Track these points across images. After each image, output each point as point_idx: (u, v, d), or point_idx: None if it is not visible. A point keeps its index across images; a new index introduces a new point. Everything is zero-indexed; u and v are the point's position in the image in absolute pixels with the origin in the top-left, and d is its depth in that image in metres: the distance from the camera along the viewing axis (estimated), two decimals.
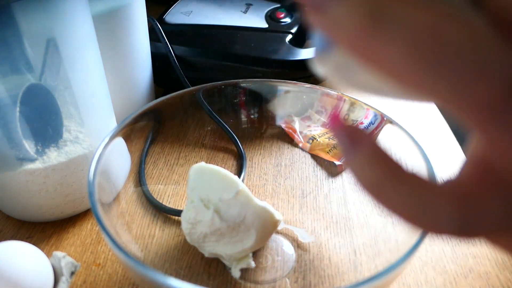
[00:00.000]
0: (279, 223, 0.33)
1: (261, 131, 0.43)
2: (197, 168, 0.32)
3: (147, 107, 0.34)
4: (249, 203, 0.30)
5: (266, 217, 0.31)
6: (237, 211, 0.30)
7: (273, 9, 0.59)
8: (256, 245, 0.31)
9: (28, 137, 0.32)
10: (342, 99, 0.37)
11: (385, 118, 0.34)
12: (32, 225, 0.37)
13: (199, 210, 0.30)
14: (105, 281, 0.33)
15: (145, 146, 0.37)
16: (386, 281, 0.22)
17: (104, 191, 0.29)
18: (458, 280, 0.34)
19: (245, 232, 0.30)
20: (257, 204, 0.30)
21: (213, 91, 0.39)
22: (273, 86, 0.40)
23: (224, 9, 0.58)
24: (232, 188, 0.30)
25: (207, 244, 0.31)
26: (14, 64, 0.30)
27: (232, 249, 0.31)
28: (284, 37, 0.54)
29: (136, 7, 0.44)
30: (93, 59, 0.35)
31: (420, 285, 0.33)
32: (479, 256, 0.36)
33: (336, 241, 0.35)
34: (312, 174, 0.41)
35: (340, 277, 0.32)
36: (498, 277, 0.34)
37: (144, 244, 0.33)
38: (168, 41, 0.51)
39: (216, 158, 0.42)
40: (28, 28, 0.29)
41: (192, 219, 0.31)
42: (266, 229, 0.32)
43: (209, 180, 0.30)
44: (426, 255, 0.36)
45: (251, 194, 0.30)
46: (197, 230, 0.31)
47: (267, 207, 0.31)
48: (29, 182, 0.34)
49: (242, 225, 0.30)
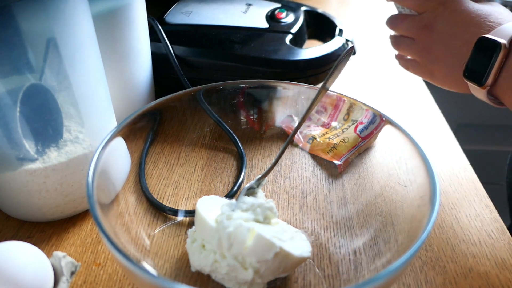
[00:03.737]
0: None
1: (261, 131, 0.43)
2: (225, 223, 0.30)
3: (147, 107, 0.34)
4: (288, 257, 0.29)
5: (301, 262, 0.31)
6: (277, 265, 0.29)
7: (273, 9, 0.59)
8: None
9: (28, 137, 0.32)
10: (342, 99, 0.37)
11: (384, 119, 0.34)
12: (32, 225, 0.37)
13: (235, 268, 0.29)
14: (105, 281, 0.33)
15: (145, 146, 0.37)
16: (386, 281, 0.22)
17: (104, 192, 0.29)
18: (458, 280, 0.34)
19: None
20: (295, 256, 0.29)
21: (213, 91, 0.39)
22: (273, 86, 0.40)
23: (224, 9, 0.58)
24: (270, 251, 0.28)
25: (216, 274, 0.31)
26: (14, 64, 0.30)
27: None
28: (284, 37, 0.54)
29: (136, 7, 0.44)
30: (93, 59, 0.35)
31: (420, 285, 0.33)
32: (479, 256, 0.36)
33: (336, 241, 0.35)
34: (312, 174, 0.41)
35: (340, 277, 0.32)
36: (498, 277, 0.34)
37: (144, 245, 0.33)
38: (168, 41, 0.51)
39: (216, 158, 0.43)
40: (28, 28, 0.29)
41: (219, 268, 0.30)
42: (294, 267, 0.32)
43: (242, 242, 0.29)
44: (426, 255, 0.36)
45: (289, 247, 0.29)
46: (215, 272, 0.30)
47: (304, 255, 0.30)
48: (29, 182, 0.34)
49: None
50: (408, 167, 0.31)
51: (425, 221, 0.25)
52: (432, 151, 0.49)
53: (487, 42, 0.37)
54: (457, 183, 0.44)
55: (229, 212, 0.31)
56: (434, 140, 0.51)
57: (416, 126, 0.54)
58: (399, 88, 0.63)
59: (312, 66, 0.51)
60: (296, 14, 0.60)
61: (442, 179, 0.44)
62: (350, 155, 0.39)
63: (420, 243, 0.23)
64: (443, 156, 0.48)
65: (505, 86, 0.36)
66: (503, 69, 0.36)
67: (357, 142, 0.39)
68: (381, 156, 0.36)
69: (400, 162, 0.33)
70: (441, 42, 0.42)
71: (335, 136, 0.41)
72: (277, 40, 0.53)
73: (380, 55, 0.73)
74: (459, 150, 0.49)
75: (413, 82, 0.65)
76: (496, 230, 0.38)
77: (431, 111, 0.57)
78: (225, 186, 0.41)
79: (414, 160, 0.30)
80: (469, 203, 0.41)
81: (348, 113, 0.39)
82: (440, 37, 0.42)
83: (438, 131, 0.53)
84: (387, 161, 0.35)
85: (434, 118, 0.56)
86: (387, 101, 0.60)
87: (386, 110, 0.35)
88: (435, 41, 0.43)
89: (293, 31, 0.55)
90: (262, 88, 0.40)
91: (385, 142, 0.35)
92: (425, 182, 0.28)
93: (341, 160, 0.40)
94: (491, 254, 0.36)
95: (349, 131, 0.40)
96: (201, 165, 0.41)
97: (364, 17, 0.90)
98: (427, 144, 0.50)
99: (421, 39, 0.45)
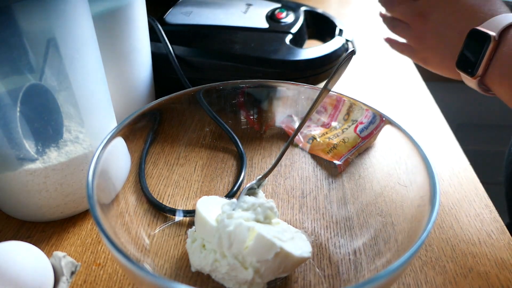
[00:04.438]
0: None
1: (261, 131, 0.43)
2: (226, 222, 0.30)
3: (147, 107, 0.34)
4: (288, 257, 0.29)
5: (301, 262, 0.31)
6: (277, 265, 0.29)
7: (273, 9, 0.59)
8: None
9: (28, 137, 0.32)
10: (342, 100, 0.37)
11: (384, 118, 0.34)
12: (32, 225, 0.37)
13: (235, 268, 0.29)
14: (105, 281, 0.33)
15: (145, 146, 0.37)
16: (386, 281, 0.22)
17: (104, 192, 0.29)
18: (458, 280, 0.34)
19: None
20: (296, 256, 0.29)
21: (213, 91, 0.39)
22: (273, 86, 0.40)
23: (224, 9, 0.58)
24: (270, 251, 0.28)
25: (216, 274, 0.31)
26: (14, 64, 0.30)
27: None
28: (284, 37, 0.54)
29: (136, 7, 0.44)
30: (93, 59, 0.35)
31: (420, 285, 0.33)
32: (478, 256, 0.36)
33: (336, 241, 0.35)
34: (312, 174, 0.41)
35: (340, 277, 0.32)
36: (497, 277, 0.34)
37: (144, 245, 0.33)
38: (168, 41, 0.51)
39: (216, 158, 0.43)
40: (28, 28, 0.29)
41: (219, 267, 0.30)
42: (294, 267, 0.32)
43: (242, 241, 0.29)
44: (426, 255, 0.36)
45: (289, 247, 0.29)
46: (215, 272, 0.30)
47: (304, 255, 0.30)
48: (29, 182, 0.34)
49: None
50: (408, 167, 0.31)
51: (425, 221, 0.25)
52: (432, 151, 0.49)
53: (478, 34, 0.38)
54: (457, 183, 0.44)
55: (230, 211, 0.31)
56: (434, 140, 0.51)
57: (416, 126, 0.54)
58: (399, 88, 0.63)
59: (312, 66, 0.51)
60: (296, 14, 0.60)
61: (442, 179, 0.44)
62: (350, 155, 0.39)
63: (420, 243, 0.23)
64: (443, 156, 0.48)
65: (494, 76, 0.38)
66: (492, 60, 0.37)
67: (357, 142, 0.39)
68: (381, 156, 0.36)
69: (400, 162, 0.33)
70: (435, 31, 0.44)
71: (335, 136, 0.41)
72: (277, 40, 0.53)
73: (380, 55, 0.73)
74: (459, 150, 0.49)
75: (413, 82, 0.65)
76: (496, 230, 0.38)
77: (431, 111, 0.57)
78: (225, 186, 0.41)
79: (414, 160, 0.30)
80: (469, 203, 0.41)
81: (348, 113, 0.39)
82: (434, 26, 0.44)
83: (438, 131, 0.53)
84: (387, 161, 0.35)
85: (434, 118, 0.56)
86: (387, 101, 0.60)
87: (386, 110, 0.35)
88: (429, 30, 0.44)
89: (293, 31, 0.55)
90: (262, 88, 0.40)
91: (385, 142, 0.35)
92: (425, 182, 0.28)
93: (341, 160, 0.40)
94: (491, 254, 0.36)
95: (349, 131, 0.40)
96: (201, 165, 0.41)
97: (364, 17, 0.90)
98: (427, 144, 0.50)
99: (415, 26, 0.46)
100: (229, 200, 0.34)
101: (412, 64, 0.70)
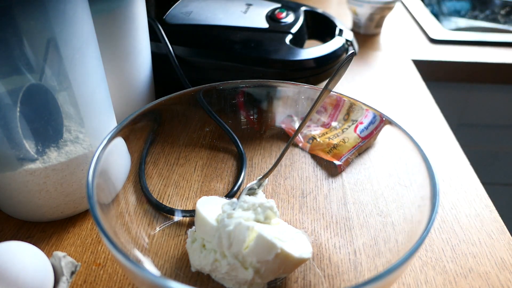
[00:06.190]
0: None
1: (261, 131, 0.43)
2: (226, 222, 0.30)
3: (147, 107, 0.34)
4: (288, 258, 0.29)
5: (301, 263, 0.31)
6: (277, 265, 0.29)
7: (273, 9, 0.59)
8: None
9: (28, 137, 0.32)
10: (342, 99, 0.37)
11: (384, 119, 0.34)
12: (32, 225, 0.37)
13: (235, 268, 0.29)
14: (105, 281, 0.33)
15: (145, 146, 0.37)
16: (386, 281, 0.22)
17: (104, 192, 0.29)
18: (458, 280, 0.34)
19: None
20: (296, 257, 0.29)
21: (213, 91, 0.39)
22: (273, 86, 0.40)
23: (224, 9, 0.58)
24: (271, 252, 0.28)
25: (216, 274, 0.31)
26: (14, 64, 0.30)
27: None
28: (284, 37, 0.54)
29: (136, 7, 0.44)
30: (93, 59, 0.35)
31: (420, 285, 0.33)
32: (479, 256, 0.36)
33: (336, 241, 0.35)
34: (312, 174, 0.41)
35: (340, 277, 0.32)
36: (497, 277, 0.34)
37: (144, 244, 0.33)
38: (168, 41, 0.51)
39: (216, 158, 0.43)
40: (28, 28, 0.29)
41: (219, 267, 0.30)
42: (294, 268, 0.32)
43: (242, 241, 0.29)
44: (426, 255, 0.36)
45: (289, 248, 0.29)
46: (215, 271, 0.30)
47: (304, 256, 0.30)
48: (29, 182, 0.34)
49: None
50: (408, 167, 0.31)
51: (425, 221, 0.25)
52: (432, 151, 0.49)
53: None
54: (457, 183, 0.44)
55: (230, 210, 0.31)
56: (434, 140, 0.51)
57: (416, 126, 0.54)
58: (399, 88, 0.63)
59: (312, 66, 0.51)
60: (296, 14, 0.60)
61: (442, 179, 0.44)
62: (350, 155, 0.39)
63: (420, 243, 0.23)
64: (443, 156, 0.48)
65: None
66: None
67: (357, 142, 0.39)
68: (381, 156, 0.36)
69: (400, 162, 0.33)
70: None
71: (335, 136, 0.41)
72: (277, 40, 0.53)
73: (380, 55, 0.73)
74: (459, 150, 0.49)
75: (413, 82, 0.65)
76: (496, 230, 0.38)
77: (431, 111, 0.57)
78: (225, 186, 0.41)
79: (414, 160, 0.30)
80: (469, 203, 0.41)
81: (348, 113, 0.39)
82: None
83: (438, 131, 0.53)
84: (387, 161, 0.35)
85: (434, 118, 0.56)
86: (387, 101, 0.60)
87: (386, 110, 0.35)
88: None
89: (293, 31, 0.55)
90: (262, 88, 0.40)
91: (385, 142, 0.35)
92: (425, 182, 0.28)
93: (341, 160, 0.40)
94: (491, 254, 0.36)
95: (349, 131, 0.40)
96: (201, 165, 0.41)
97: None
98: (427, 144, 0.50)
99: None
100: (229, 200, 0.34)
101: (412, 64, 0.70)
